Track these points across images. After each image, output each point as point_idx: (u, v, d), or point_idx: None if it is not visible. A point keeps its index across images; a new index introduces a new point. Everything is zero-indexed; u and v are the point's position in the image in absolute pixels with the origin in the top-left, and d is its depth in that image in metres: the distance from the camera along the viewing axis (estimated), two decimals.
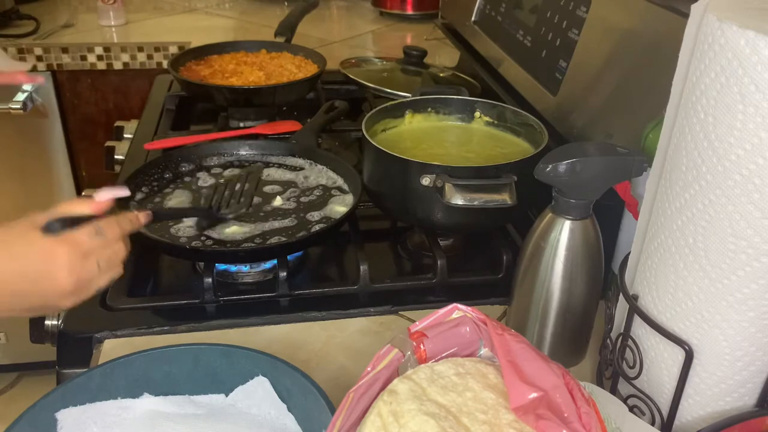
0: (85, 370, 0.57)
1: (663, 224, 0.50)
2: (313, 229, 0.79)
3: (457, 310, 0.49)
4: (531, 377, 0.43)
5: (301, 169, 0.93)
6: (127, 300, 0.74)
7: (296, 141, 0.99)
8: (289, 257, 0.79)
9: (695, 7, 0.47)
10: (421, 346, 0.49)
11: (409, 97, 0.94)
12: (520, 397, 0.42)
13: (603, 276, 0.63)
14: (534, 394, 0.42)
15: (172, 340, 0.67)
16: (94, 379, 0.57)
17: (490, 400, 0.43)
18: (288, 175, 0.91)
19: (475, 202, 0.70)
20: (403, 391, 0.44)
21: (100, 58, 1.53)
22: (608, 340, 0.59)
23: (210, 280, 0.74)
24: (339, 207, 0.84)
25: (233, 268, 0.79)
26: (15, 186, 1.63)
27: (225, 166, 0.93)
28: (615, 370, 0.57)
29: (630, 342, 0.55)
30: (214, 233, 0.78)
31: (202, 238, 0.77)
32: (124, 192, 0.65)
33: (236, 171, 0.92)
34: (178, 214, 0.80)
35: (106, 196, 0.62)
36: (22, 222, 0.55)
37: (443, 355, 0.49)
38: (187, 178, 0.90)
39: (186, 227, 0.79)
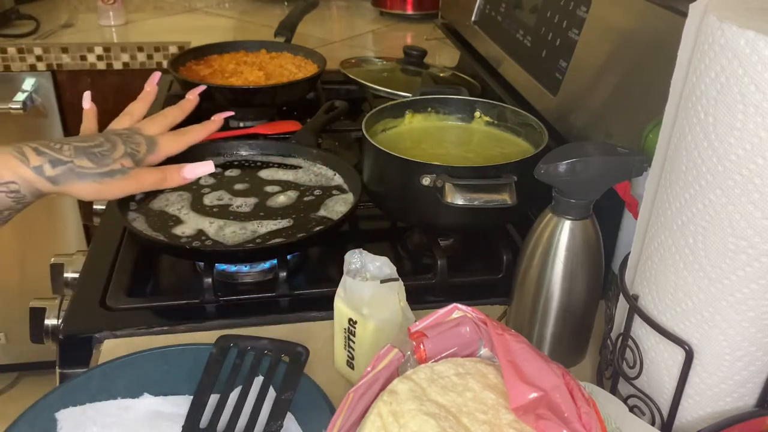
0: (85, 370, 0.57)
1: (663, 224, 0.50)
2: (313, 229, 0.79)
3: (457, 310, 0.49)
4: (531, 377, 0.43)
5: (301, 168, 0.93)
6: (127, 300, 0.74)
7: (296, 141, 0.99)
8: (288, 257, 0.79)
9: (694, 7, 0.47)
10: (421, 346, 0.49)
11: (409, 97, 0.94)
12: (520, 397, 0.42)
13: (603, 276, 0.63)
14: (534, 394, 0.42)
15: (172, 340, 0.67)
16: (94, 379, 0.57)
17: (490, 400, 0.43)
18: (288, 175, 0.91)
19: (475, 202, 0.70)
20: (403, 391, 0.44)
21: (100, 58, 1.53)
22: (608, 340, 0.59)
23: (210, 280, 0.74)
24: (339, 207, 0.84)
25: (233, 268, 0.79)
26: None
27: (225, 166, 0.93)
28: (615, 370, 0.57)
29: (630, 342, 0.55)
30: (214, 234, 0.78)
31: (202, 238, 0.77)
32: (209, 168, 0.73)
33: (236, 171, 0.92)
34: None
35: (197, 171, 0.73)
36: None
37: (443, 355, 0.49)
38: None
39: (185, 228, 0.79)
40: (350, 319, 0.60)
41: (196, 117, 1.24)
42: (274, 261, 0.79)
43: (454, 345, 0.49)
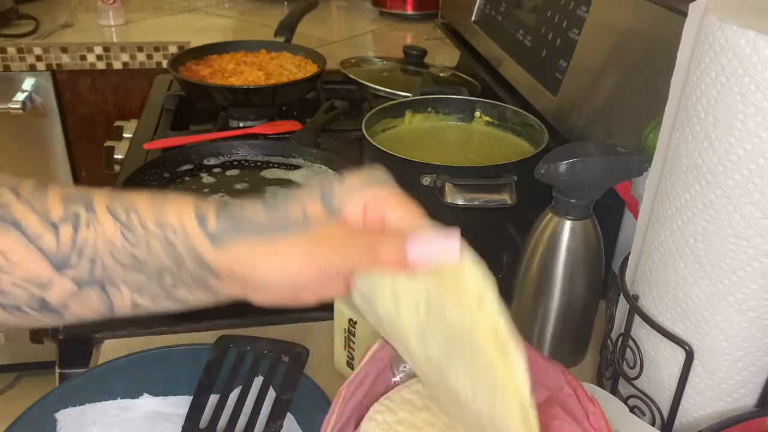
0: (84, 370, 0.57)
1: (663, 224, 0.50)
2: None
3: None
4: (535, 378, 0.43)
5: (301, 168, 0.93)
6: None
7: (296, 141, 0.98)
8: None
9: (694, 7, 0.47)
10: None
11: (409, 97, 0.94)
12: None
13: (603, 276, 0.63)
14: (543, 395, 0.42)
15: (172, 340, 0.67)
16: (94, 380, 0.57)
17: None
18: (288, 175, 0.91)
19: (475, 202, 0.70)
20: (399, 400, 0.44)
21: (99, 57, 1.53)
22: (608, 341, 0.59)
23: None
24: None
25: None
26: None
27: (225, 166, 0.93)
28: (615, 370, 0.57)
29: (630, 342, 0.54)
30: None
31: None
32: None
33: (236, 171, 0.92)
34: None
35: None
36: None
37: None
38: (186, 178, 0.90)
39: None
40: (350, 320, 0.60)
41: (196, 117, 1.25)
42: None
43: None
